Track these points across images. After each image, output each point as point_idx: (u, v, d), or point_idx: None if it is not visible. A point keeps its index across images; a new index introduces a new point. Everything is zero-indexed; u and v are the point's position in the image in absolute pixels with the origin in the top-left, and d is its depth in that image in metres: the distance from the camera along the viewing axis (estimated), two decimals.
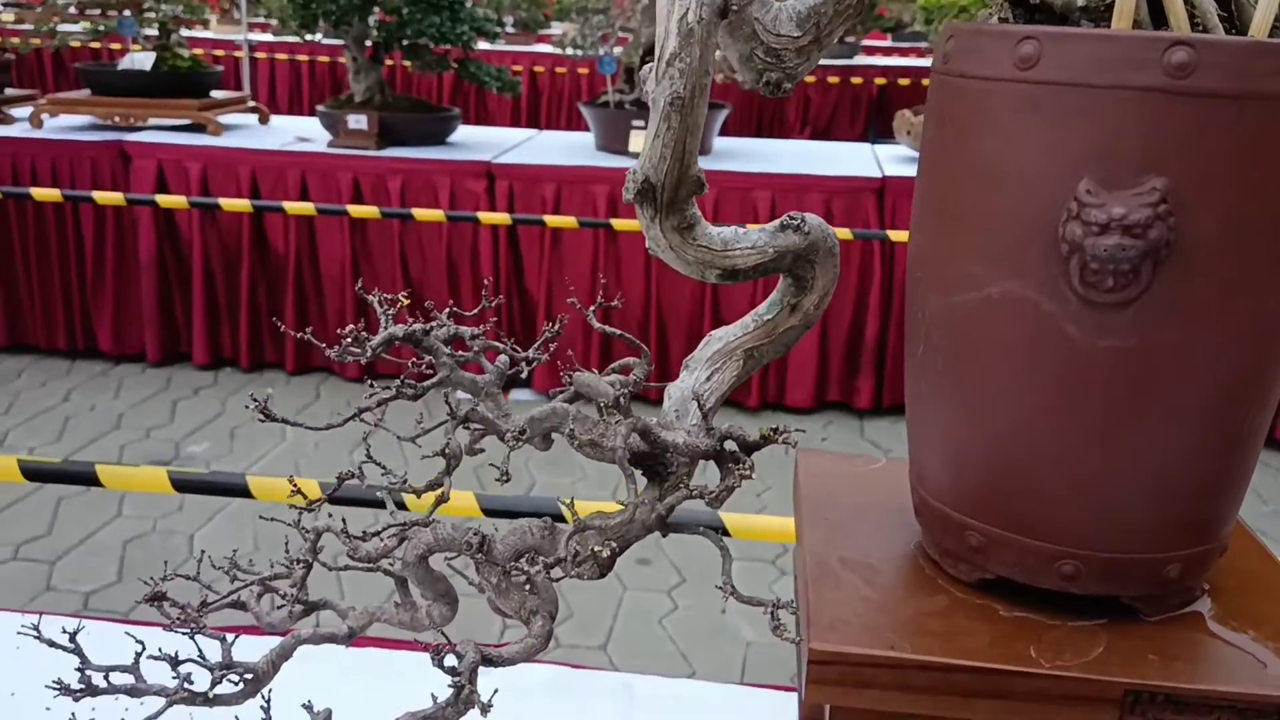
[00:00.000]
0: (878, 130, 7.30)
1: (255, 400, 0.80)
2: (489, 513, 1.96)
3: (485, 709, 0.74)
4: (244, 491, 2.01)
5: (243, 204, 4.11)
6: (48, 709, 1.44)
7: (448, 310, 0.84)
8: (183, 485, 2.06)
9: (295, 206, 4.07)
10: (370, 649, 1.65)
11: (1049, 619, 0.74)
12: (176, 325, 4.74)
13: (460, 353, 0.82)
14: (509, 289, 4.48)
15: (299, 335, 0.83)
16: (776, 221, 0.82)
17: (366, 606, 0.90)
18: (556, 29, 8.99)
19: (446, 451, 0.78)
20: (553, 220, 4.00)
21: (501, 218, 4.06)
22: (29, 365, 4.74)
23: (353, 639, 0.90)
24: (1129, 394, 0.67)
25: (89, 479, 2.00)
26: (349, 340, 0.79)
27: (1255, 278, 0.64)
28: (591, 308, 0.85)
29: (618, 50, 4.56)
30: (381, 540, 0.81)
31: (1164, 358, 0.65)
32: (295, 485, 0.85)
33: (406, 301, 0.83)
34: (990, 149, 0.67)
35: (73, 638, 0.88)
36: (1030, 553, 0.73)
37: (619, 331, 0.88)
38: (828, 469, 0.96)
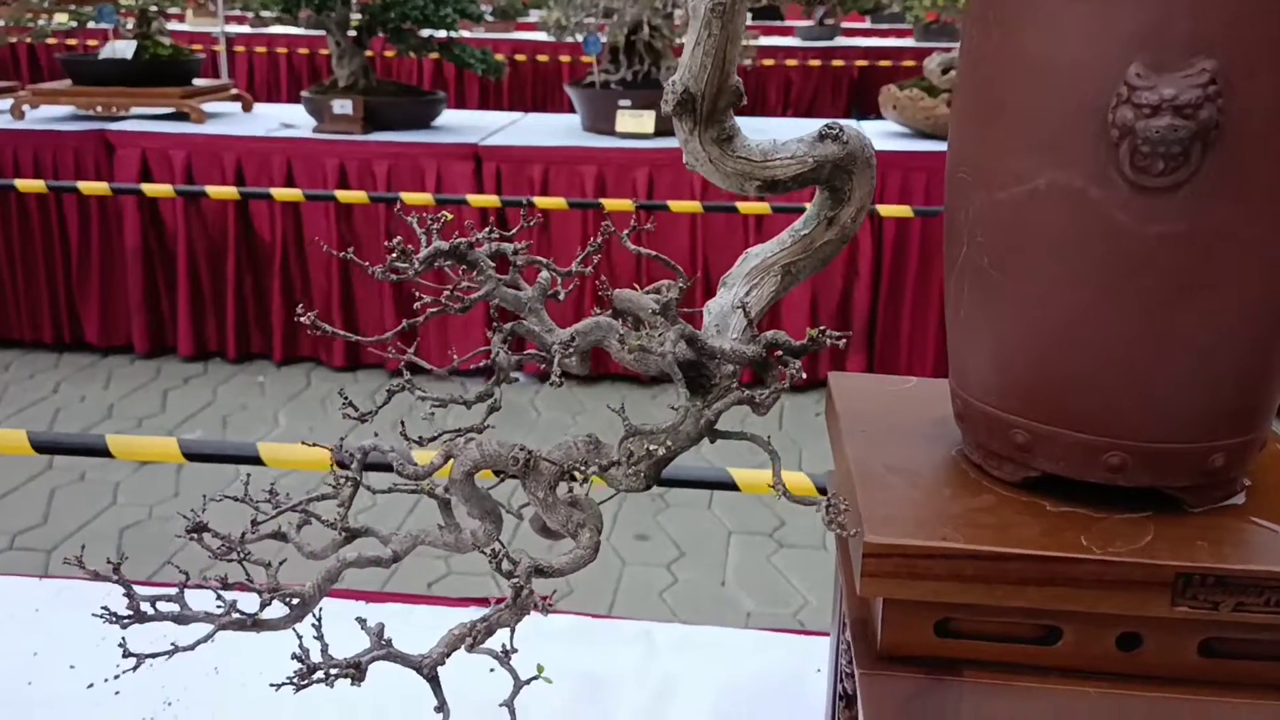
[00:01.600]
0: (860, 111, 7.33)
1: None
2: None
3: (546, 609, 0.75)
4: (255, 459, 2.00)
5: (229, 191, 4.09)
6: (71, 667, 1.44)
7: (488, 229, 0.84)
8: (194, 455, 2.06)
9: (282, 192, 4.05)
10: (391, 604, 1.65)
11: (1095, 513, 0.75)
12: (163, 316, 4.71)
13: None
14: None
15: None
16: (815, 131, 0.83)
17: (410, 530, 0.90)
18: (535, 16, 8.99)
19: (495, 362, 0.79)
20: (542, 202, 4.00)
21: (490, 199, 4.06)
22: (16, 359, 4.70)
23: (396, 562, 0.90)
24: (1178, 280, 0.68)
25: (100, 450, 1.99)
26: (395, 255, 0.79)
27: None
28: (626, 231, 0.86)
29: (603, 38, 4.56)
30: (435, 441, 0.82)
31: (1213, 241, 0.66)
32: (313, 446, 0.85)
33: (450, 218, 0.84)
34: (1038, 41, 0.68)
35: (116, 569, 0.88)
36: (1077, 446, 0.74)
37: (654, 252, 0.89)
38: (860, 388, 0.97)
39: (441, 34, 4.61)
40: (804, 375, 0.76)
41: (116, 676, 1.40)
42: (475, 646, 0.78)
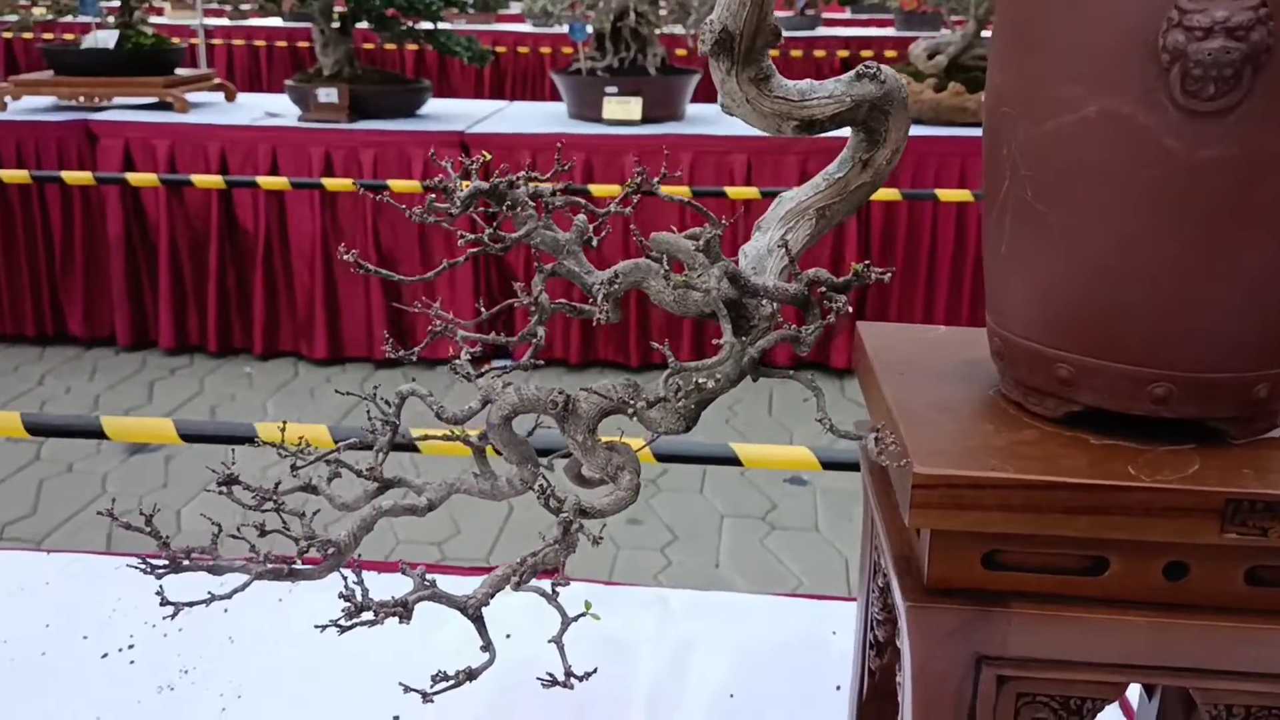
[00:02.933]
0: None
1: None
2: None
3: (596, 540, 0.74)
4: (251, 440, 1.99)
5: (215, 180, 4.06)
6: (85, 638, 1.42)
7: (524, 172, 0.84)
8: (190, 436, 2.04)
9: (269, 181, 4.03)
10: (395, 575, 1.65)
11: (1139, 445, 0.75)
12: (145, 308, 4.68)
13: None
14: (486, 259, 4.46)
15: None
16: (852, 71, 0.83)
17: (445, 478, 0.90)
18: (516, 7, 8.97)
19: (537, 304, 0.78)
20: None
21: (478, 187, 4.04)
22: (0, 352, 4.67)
23: (431, 510, 0.90)
24: (1228, 205, 0.68)
25: (94, 432, 1.97)
26: (436, 193, 0.79)
27: None
28: (657, 179, 0.85)
29: (589, 25, 4.55)
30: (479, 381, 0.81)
31: (1264, 165, 0.67)
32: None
33: (489, 157, 0.83)
34: None
35: (149, 520, 0.87)
36: (1122, 378, 0.74)
37: (685, 199, 0.89)
38: (889, 335, 0.97)
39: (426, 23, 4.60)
40: (850, 309, 0.76)
41: (131, 646, 1.39)
42: (520, 586, 0.78)
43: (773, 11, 0.80)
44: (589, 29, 4.49)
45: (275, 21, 8.65)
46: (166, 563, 0.86)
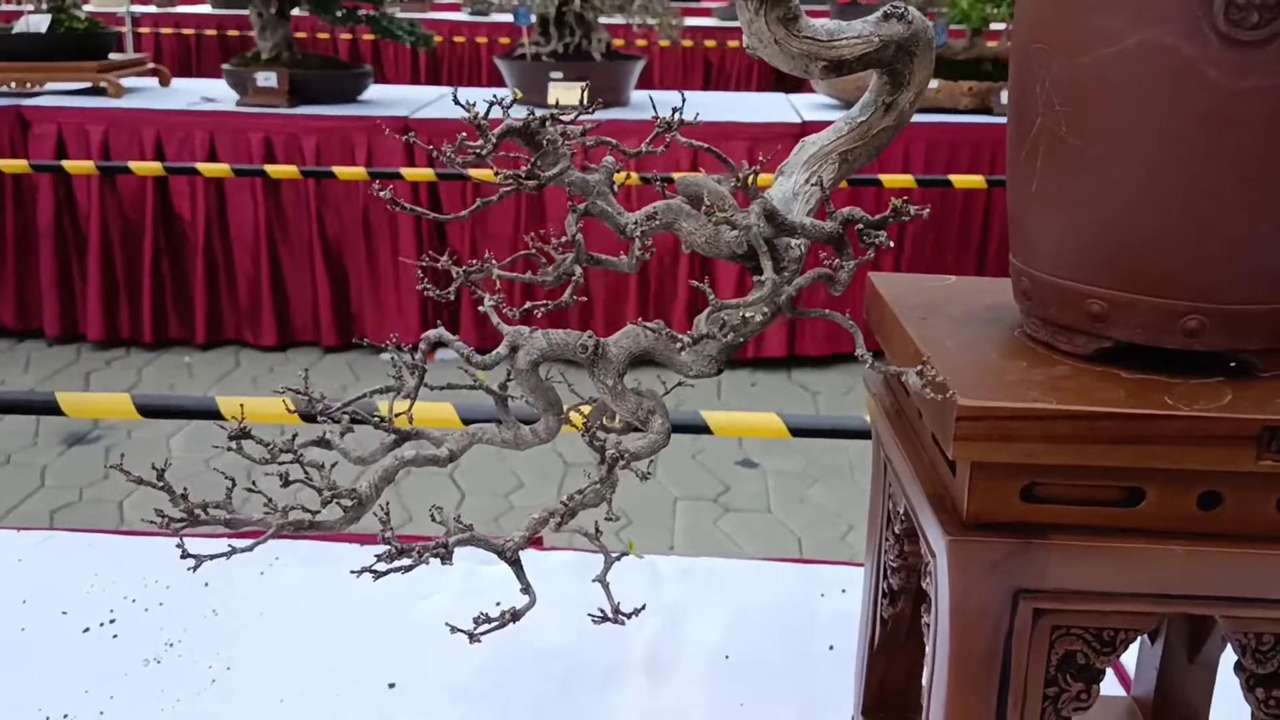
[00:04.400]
0: (784, 87, 7.36)
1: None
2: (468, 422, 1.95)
3: (645, 476, 0.74)
4: (215, 414, 1.94)
5: (153, 166, 3.97)
6: (64, 613, 1.38)
7: (554, 111, 0.83)
8: (148, 410, 1.99)
9: (209, 167, 3.95)
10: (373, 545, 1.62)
11: (1171, 379, 0.76)
12: (75, 298, 4.55)
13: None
14: (431, 243, 4.41)
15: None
16: (879, 11, 0.83)
17: (467, 428, 0.88)
18: None
19: (576, 239, 0.77)
20: (478, 174, 3.95)
21: (424, 173, 4.00)
22: None
23: (453, 460, 0.88)
24: (1268, 134, 0.69)
25: (50, 408, 1.92)
26: (468, 130, 0.78)
27: None
28: (674, 126, 0.85)
29: (533, 11, 4.52)
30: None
31: None
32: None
33: (520, 94, 0.82)
34: None
35: (160, 475, 0.85)
36: (1155, 311, 0.75)
37: (706, 145, 0.88)
38: (903, 284, 0.97)
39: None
40: (891, 245, 0.76)
41: (113, 620, 1.35)
42: (561, 527, 0.77)
43: None
44: (533, 14, 4.46)
45: (205, 8, 8.48)
46: (184, 517, 0.83)
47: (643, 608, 0.81)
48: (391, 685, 1.28)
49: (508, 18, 5.17)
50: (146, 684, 1.26)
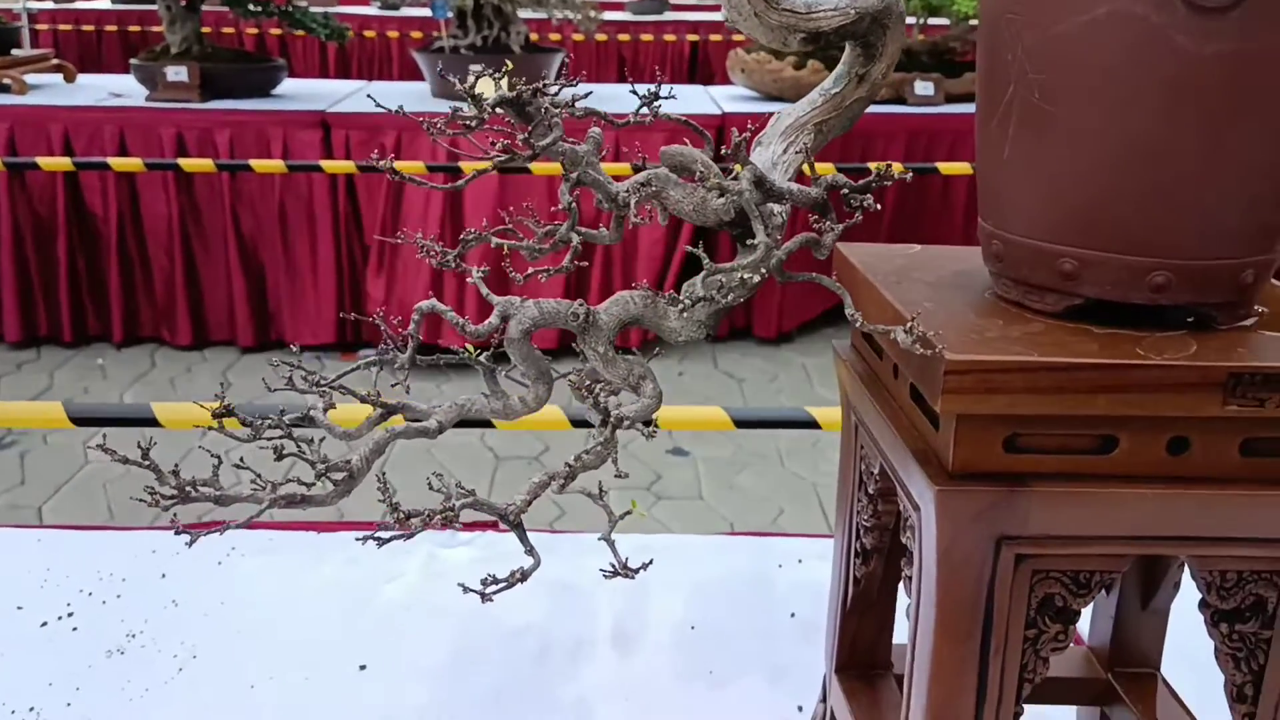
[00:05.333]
0: (701, 83, 7.43)
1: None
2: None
3: (650, 434, 0.76)
4: (151, 421, 1.91)
5: (62, 162, 3.87)
6: (19, 608, 1.36)
7: (540, 83, 0.84)
8: (82, 420, 1.95)
9: (120, 162, 3.86)
10: (342, 532, 1.62)
11: (1139, 332, 0.81)
12: None
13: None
14: (348, 241, 4.36)
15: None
16: None
17: (455, 400, 0.89)
18: None
19: (570, 209, 0.79)
20: (404, 166, 3.92)
21: (344, 165, 3.96)
22: None
23: (441, 433, 0.89)
24: (1230, 99, 0.73)
25: None
26: (391, 123, 0.79)
27: None
28: (647, 109, 0.86)
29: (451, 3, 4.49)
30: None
31: (1264, 58, 0.72)
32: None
33: (511, 66, 0.83)
34: None
35: (146, 454, 0.85)
36: (1124, 268, 0.79)
37: (685, 119, 0.91)
38: (872, 253, 1.01)
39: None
40: (878, 207, 0.79)
41: (70, 614, 1.33)
42: (564, 489, 0.79)
43: None
44: (450, 8, 4.44)
45: (104, 3, 8.25)
46: (175, 494, 0.83)
47: (650, 562, 0.82)
48: (363, 667, 1.28)
49: (420, 12, 5.13)
50: (112, 675, 1.24)
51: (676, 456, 3.75)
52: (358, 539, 0.79)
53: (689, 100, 4.59)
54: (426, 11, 4.56)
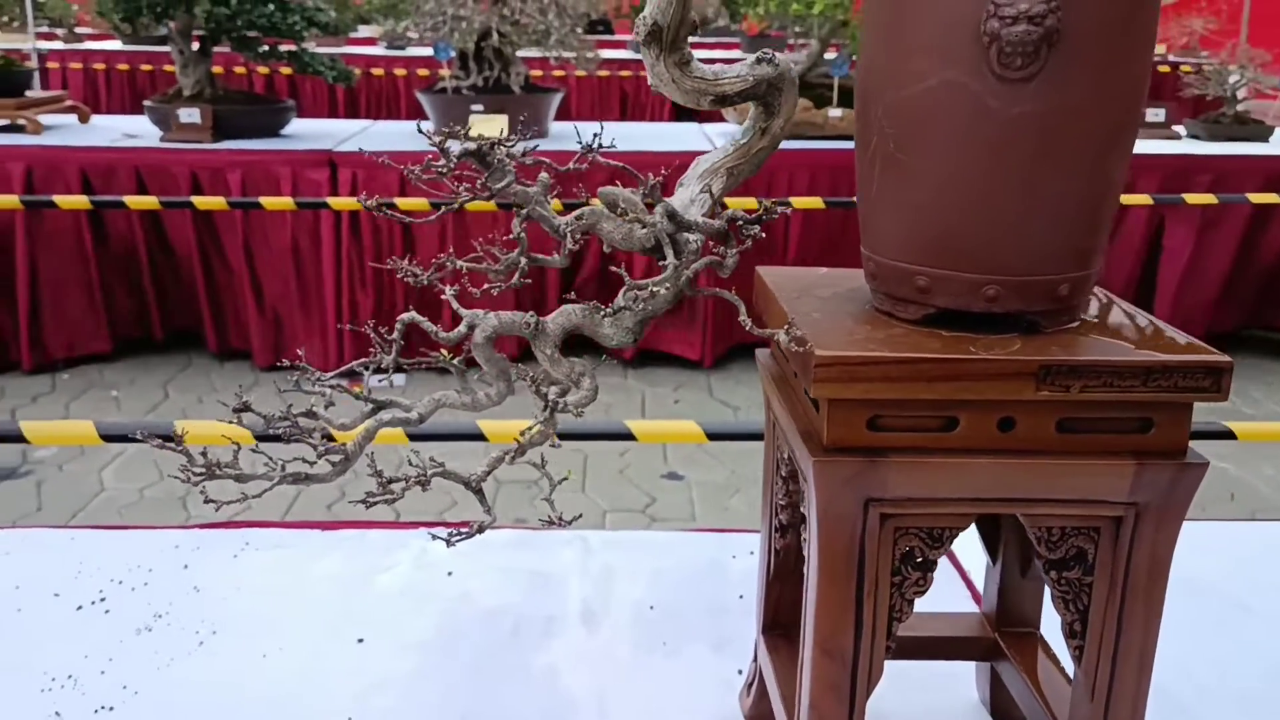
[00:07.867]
0: (697, 117, 7.66)
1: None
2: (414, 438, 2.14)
3: (579, 412, 0.95)
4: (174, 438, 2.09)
5: (79, 200, 4.09)
6: (56, 595, 1.55)
7: (499, 137, 1.04)
8: (112, 437, 2.14)
9: (137, 200, 4.08)
10: (344, 530, 1.81)
11: (977, 335, 1.00)
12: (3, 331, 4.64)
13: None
14: (356, 278, 4.57)
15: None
16: (753, 57, 1.06)
17: (433, 395, 1.09)
18: (365, 30, 9.05)
19: (520, 237, 0.99)
20: (405, 203, 4.14)
21: (350, 202, 4.17)
22: None
23: (422, 422, 1.09)
24: (1034, 149, 0.93)
25: (15, 437, 2.06)
26: (434, 154, 0.99)
27: (1119, 55, 0.92)
28: (597, 143, 1.07)
29: (453, 46, 4.73)
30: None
31: (1058, 117, 0.92)
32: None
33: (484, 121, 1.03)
34: None
35: (179, 440, 1.04)
36: (964, 283, 0.99)
37: (622, 165, 1.11)
38: (783, 275, 1.21)
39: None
40: (764, 236, 0.99)
41: (103, 599, 1.52)
42: (515, 460, 0.98)
43: (691, 8, 1.02)
44: (452, 49, 4.67)
45: (115, 44, 8.52)
46: (204, 471, 1.02)
47: (579, 516, 1.01)
48: (360, 640, 1.47)
49: (425, 51, 5.36)
50: (141, 648, 1.43)
51: (671, 481, 3.92)
52: (351, 502, 0.97)
53: (685, 139, 4.82)
54: (430, 51, 4.79)
